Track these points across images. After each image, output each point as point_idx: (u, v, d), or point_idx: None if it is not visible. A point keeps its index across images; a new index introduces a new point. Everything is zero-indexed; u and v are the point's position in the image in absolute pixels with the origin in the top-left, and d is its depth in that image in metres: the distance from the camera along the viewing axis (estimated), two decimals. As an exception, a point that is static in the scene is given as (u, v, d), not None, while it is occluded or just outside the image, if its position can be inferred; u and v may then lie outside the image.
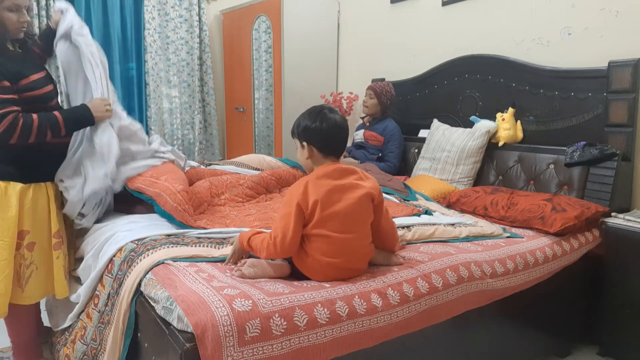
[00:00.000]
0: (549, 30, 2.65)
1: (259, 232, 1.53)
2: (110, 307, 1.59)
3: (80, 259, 1.93)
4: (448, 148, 2.84)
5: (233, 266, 1.52)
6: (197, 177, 2.53)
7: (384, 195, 2.38)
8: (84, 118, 1.92)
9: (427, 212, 2.27)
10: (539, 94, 2.64)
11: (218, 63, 4.61)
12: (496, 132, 2.73)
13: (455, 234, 1.98)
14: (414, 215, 2.20)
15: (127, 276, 1.53)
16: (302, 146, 1.54)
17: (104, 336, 1.58)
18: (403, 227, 1.96)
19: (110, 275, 1.66)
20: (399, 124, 3.30)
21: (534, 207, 2.17)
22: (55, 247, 1.89)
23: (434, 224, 2.08)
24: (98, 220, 2.02)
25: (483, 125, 2.74)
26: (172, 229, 1.86)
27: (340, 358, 1.35)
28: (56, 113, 1.85)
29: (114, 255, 1.70)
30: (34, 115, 1.77)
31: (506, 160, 2.70)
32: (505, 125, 2.69)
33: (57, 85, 2.05)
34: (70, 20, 1.99)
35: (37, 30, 3.42)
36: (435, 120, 3.11)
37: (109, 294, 1.63)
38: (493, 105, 2.83)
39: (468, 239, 1.97)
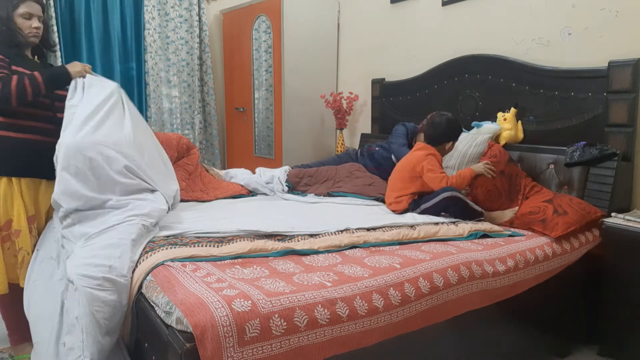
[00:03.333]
0: (549, 30, 2.65)
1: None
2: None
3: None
4: (450, 152, 2.79)
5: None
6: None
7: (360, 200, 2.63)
8: (60, 74, 2.03)
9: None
10: (539, 94, 2.64)
11: (218, 63, 4.61)
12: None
13: (459, 232, 2.02)
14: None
15: (127, 277, 1.53)
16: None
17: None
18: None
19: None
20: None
21: (535, 209, 2.17)
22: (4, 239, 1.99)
23: (437, 223, 2.10)
24: None
25: (487, 130, 2.65)
26: (171, 230, 1.86)
27: (339, 356, 1.35)
28: (35, 72, 1.95)
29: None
30: (14, 75, 1.90)
31: (506, 160, 2.70)
32: (507, 125, 2.68)
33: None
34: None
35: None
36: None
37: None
38: (493, 105, 2.83)
39: (470, 236, 2.00)
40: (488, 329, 1.84)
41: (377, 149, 3.11)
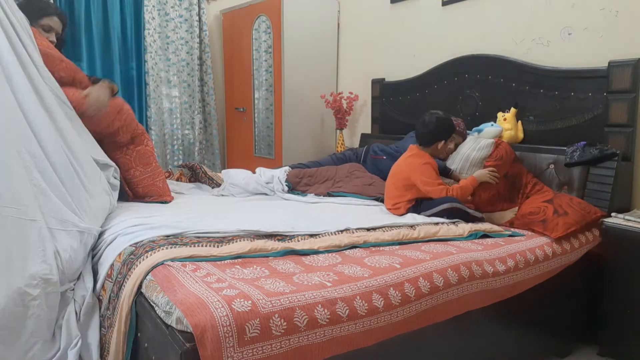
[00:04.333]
0: (549, 30, 2.65)
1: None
2: (112, 310, 1.59)
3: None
4: (452, 156, 2.77)
5: None
6: None
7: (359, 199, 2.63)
8: None
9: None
10: (539, 94, 2.64)
11: (218, 63, 4.61)
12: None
13: (459, 232, 2.02)
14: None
15: (127, 279, 1.53)
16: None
17: (107, 339, 1.58)
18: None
19: (110, 280, 1.66)
20: (398, 124, 3.29)
21: (535, 210, 2.17)
22: None
23: (437, 223, 2.10)
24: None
25: (489, 133, 2.60)
26: (171, 230, 1.86)
27: (339, 356, 1.35)
28: None
29: (114, 260, 1.70)
30: None
31: (506, 160, 2.69)
32: (507, 125, 2.68)
33: None
34: None
35: None
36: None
37: (109, 297, 1.63)
38: (493, 105, 2.83)
39: (470, 236, 2.00)
40: (488, 329, 1.84)
41: (384, 157, 3.04)
